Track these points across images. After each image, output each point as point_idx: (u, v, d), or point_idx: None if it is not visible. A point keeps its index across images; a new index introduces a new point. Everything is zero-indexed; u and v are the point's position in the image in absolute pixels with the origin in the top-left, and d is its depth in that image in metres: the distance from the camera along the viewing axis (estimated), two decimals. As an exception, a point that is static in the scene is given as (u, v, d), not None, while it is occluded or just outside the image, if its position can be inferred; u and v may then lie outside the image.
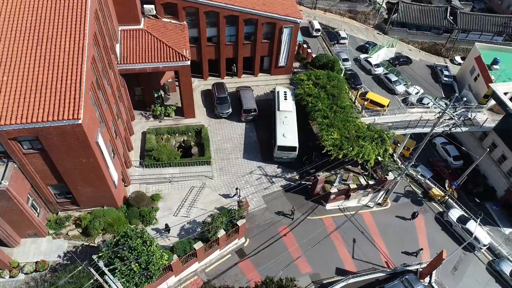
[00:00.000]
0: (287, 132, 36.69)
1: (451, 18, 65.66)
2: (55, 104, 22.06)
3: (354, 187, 35.16)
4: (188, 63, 34.77)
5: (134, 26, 35.05)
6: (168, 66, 34.67)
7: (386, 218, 37.08)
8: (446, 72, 59.46)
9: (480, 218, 34.63)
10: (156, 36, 34.95)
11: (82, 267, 21.60)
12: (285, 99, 39.70)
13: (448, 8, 66.27)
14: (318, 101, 37.86)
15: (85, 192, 28.35)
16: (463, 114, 42.21)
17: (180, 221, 32.00)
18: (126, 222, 30.10)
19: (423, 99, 51.33)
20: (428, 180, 40.34)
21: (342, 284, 30.68)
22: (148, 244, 24.33)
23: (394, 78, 54.81)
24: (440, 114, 30.51)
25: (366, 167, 35.81)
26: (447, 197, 39.29)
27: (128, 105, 37.09)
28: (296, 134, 36.89)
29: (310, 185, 35.75)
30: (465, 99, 42.02)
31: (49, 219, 29.28)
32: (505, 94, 43.26)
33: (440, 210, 39.00)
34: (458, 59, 64.82)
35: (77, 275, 23.05)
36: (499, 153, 42.59)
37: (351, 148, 33.85)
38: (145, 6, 36.09)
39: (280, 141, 36.15)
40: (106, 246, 24.37)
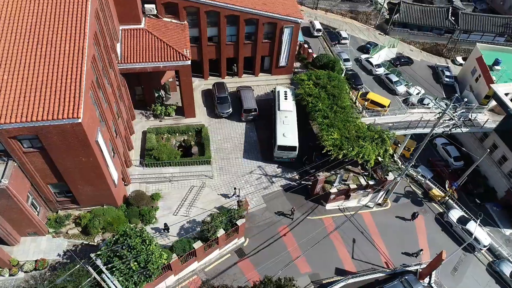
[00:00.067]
0: (287, 132, 36.68)
1: (453, 18, 65.59)
2: (55, 103, 22.13)
3: (354, 187, 35.13)
4: (189, 62, 34.82)
5: (134, 26, 35.11)
6: (169, 66, 34.71)
7: (386, 219, 37.04)
8: (447, 73, 59.32)
9: (480, 219, 34.59)
10: (156, 36, 35.00)
11: (80, 265, 21.62)
12: (285, 99, 39.68)
13: (450, 9, 66.23)
14: (319, 101, 37.83)
15: (85, 191, 28.40)
16: (463, 114, 42.16)
17: (180, 220, 32.01)
18: (125, 221, 30.12)
19: (424, 99, 51.24)
20: (428, 181, 40.29)
21: (342, 284, 30.65)
22: (147, 243, 24.33)
23: (395, 79, 54.72)
24: (440, 115, 30.48)
25: (366, 167, 35.80)
26: (447, 197, 39.24)
27: (129, 104, 37.17)
28: (296, 134, 36.87)
29: (310, 185, 35.75)
30: (465, 99, 41.93)
31: (49, 217, 29.35)
32: (506, 95, 43.18)
33: (440, 211, 38.93)
34: (459, 59, 64.60)
35: (76, 273, 23.13)
36: (500, 154, 42.49)
37: (351, 148, 33.83)
38: (146, 6, 36.17)
39: (280, 140, 36.14)
40: (106, 245, 24.40)
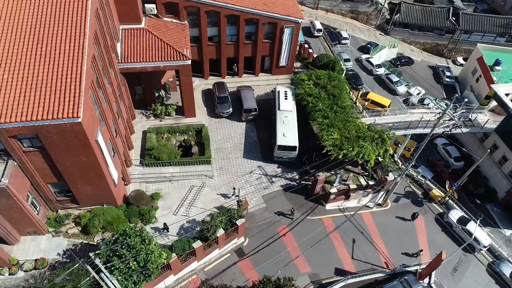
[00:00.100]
0: (287, 132, 36.66)
1: (454, 19, 65.48)
2: (55, 102, 22.15)
3: (354, 187, 35.11)
4: (189, 62, 34.83)
5: (135, 25, 35.13)
6: (169, 65, 34.73)
7: (386, 219, 37.01)
8: (448, 73, 59.23)
9: (480, 219, 34.55)
10: (157, 35, 35.02)
11: (79, 264, 21.65)
12: (285, 99, 39.67)
13: (451, 9, 66.11)
14: (319, 101, 37.81)
15: (84, 191, 28.42)
16: (463, 115, 42.11)
17: (180, 220, 32.03)
18: (125, 221, 30.12)
19: (425, 99, 51.19)
20: (428, 181, 40.24)
21: (341, 284, 30.63)
22: (146, 242, 24.36)
23: (395, 79, 54.65)
24: (440, 115, 30.45)
25: (366, 167, 35.78)
26: (447, 198, 39.20)
27: (129, 104, 37.19)
28: (296, 134, 36.86)
29: (310, 185, 35.73)
30: (466, 100, 41.86)
31: (48, 217, 29.37)
32: (506, 95, 43.09)
33: (440, 211, 38.90)
34: (460, 60, 64.51)
35: (75, 272, 23.16)
36: (500, 154, 42.42)
37: (351, 148, 33.80)
38: (146, 6, 36.19)
39: (280, 140, 36.13)
40: (105, 244, 24.42)
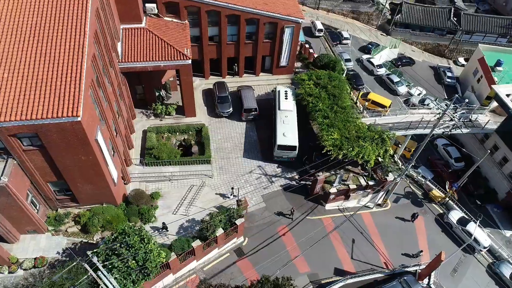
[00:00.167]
0: (287, 132, 36.66)
1: (455, 19, 65.37)
2: (55, 101, 22.21)
3: (354, 187, 35.09)
4: (189, 62, 34.87)
5: (135, 25, 35.19)
6: (169, 65, 34.78)
7: (385, 219, 36.97)
8: (449, 74, 59.09)
9: (480, 220, 34.49)
10: (157, 35, 35.07)
11: (77, 262, 21.69)
12: (285, 99, 39.66)
13: (452, 9, 65.99)
14: (319, 101, 37.79)
15: (84, 190, 28.48)
16: (463, 115, 42.00)
17: (179, 219, 32.06)
18: (125, 220, 30.18)
19: (425, 100, 51.11)
20: (428, 182, 40.17)
21: (340, 284, 30.63)
22: (145, 241, 24.39)
23: (396, 79, 54.58)
24: (440, 115, 30.41)
25: (366, 167, 35.75)
26: (447, 198, 39.14)
27: (129, 103, 37.25)
28: (296, 134, 36.85)
29: (310, 185, 35.72)
30: (467, 100, 41.74)
31: (48, 215, 29.45)
32: (507, 96, 42.96)
33: (440, 212, 38.84)
34: (461, 60, 64.36)
35: (74, 271, 23.21)
36: (501, 155, 42.30)
37: (351, 149, 33.77)
38: (147, 5, 36.26)
39: (280, 140, 36.12)
40: (104, 243, 24.46)
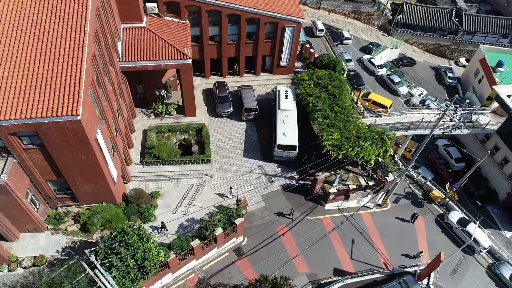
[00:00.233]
0: (287, 131, 36.65)
1: (456, 19, 65.24)
2: (54, 100, 22.28)
3: (354, 187, 35.06)
4: (190, 61, 34.89)
5: (136, 24, 35.23)
6: (170, 64, 34.81)
7: (385, 219, 36.92)
8: (450, 74, 58.96)
9: (480, 221, 34.41)
10: (158, 35, 35.11)
11: (74, 261, 21.73)
12: (286, 98, 39.65)
13: (453, 10, 65.85)
14: (319, 101, 37.78)
15: (84, 188, 28.53)
16: (463, 115, 41.89)
17: (179, 218, 32.09)
18: (124, 219, 30.23)
19: (426, 100, 51.03)
20: (429, 182, 40.10)
21: (339, 284, 30.57)
22: (144, 240, 24.42)
23: (397, 79, 54.50)
24: (440, 115, 30.37)
25: (366, 167, 35.72)
26: (447, 199, 39.07)
27: (130, 102, 37.30)
28: (296, 133, 36.84)
29: (310, 184, 35.70)
30: (467, 101, 41.65)
31: (48, 214, 29.50)
32: (508, 96, 42.82)
33: (440, 212, 38.77)
34: (462, 61, 64.26)
35: (73, 269, 23.24)
36: (501, 156, 42.19)
37: (351, 149, 33.76)
38: (147, 5, 36.32)
39: (280, 140, 36.12)
40: (103, 242, 24.50)
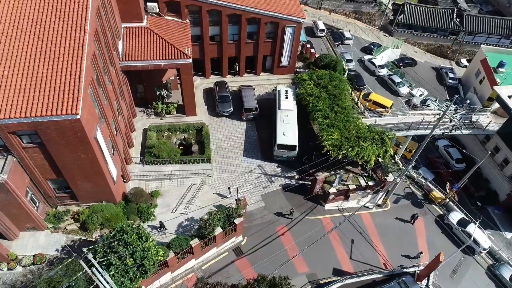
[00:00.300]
0: (287, 131, 36.65)
1: (458, 20, 65.10)
2: (54, 99, 22.32)
3: (354, 187, 35.04)
4: (190, 61, 34.93)
5: (137, 24, 35.28)
6: (170, 64, 34.87)
7: (385, 220, 36.87)
8: (451, 75, 58.83)
9: (479, 221, 34.33)
10: (158, 34, 35.16)
11: (72, 259, 21.78)
12: (286, 98, 39.65)
13: (455, 10, 65.71)
14: (319, 101, 37.77)
15: (83, 187, 28.59)
16: (463, 116, 41.80)
17: (178, 218, 32.13)
18: (124, 218, 30.29)
19: (427, 101, 50.94)
20: (429, 183, 40.03)
21: (339, 284, 30.56)
22: (143, 239, 24.46)
23: (397, 80, 54.41)
24: (440, 116, 30.34)
25: (366, 168, 35.69)
26: (447, 200, 39.00)
27: (130, 102, 37.35)
28: (296, 133, 36.84)
29: (309, 184, 35.68)
30: (468, 101, 41.57)
31: (48, 213, 29.55)
32: (509, 97, 42.74)
33: (440, 213, 38.70)
34: (464, 61, 64.13)
35: (72, 268, 23.29)
36: (502, 157, 42.11)
37: (351, 149, 33.74)
38: (148, 4, 36.37)
39: (280, 139, 36.12)
40: (102, 241, 24.54)
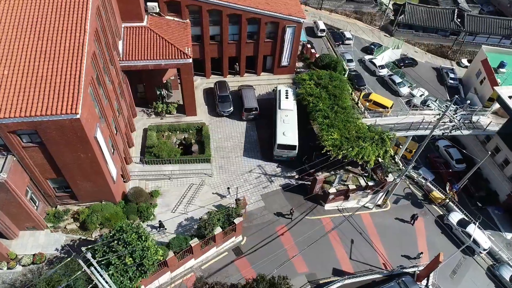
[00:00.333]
0: (287, 131, 36.65)
1: (458, 20, 65.06)
2: (54, 99, 22.33)
3: (353, 188, 35.02)
4: (190, 61, 34.93)
5: (137, 24, 35.30)
6: (170, 64, 34.88)
7: (385, 220, 36.85)
8: (452, 75, 58.80)
9: (479, 222, 34.29)
10: (158, 34, 35.17)
11: (71, 258, 21.81)
12: (286, 98, 39.65)
13: (456, 10, 65.69)
14: (319, 101, 37.75)
15: (83, 187, 28.62)
16: (463, 116, 41.75)
17: (178, 217, 32.15)
18: (123, 218, 30.31)
19: (427, 101, 50.90)
20: (429, 183, 40.00)
21: (338, 284, 30.55)
22: (143, 239, 24.47)
23: (398, 80, 54.40)
24: (440, 116, 30.31)
25: (366, 168, 35.67)
26: (447, 200, 38.97)
27: (130, 101, 37.37)
28: (296, 133, 36.83)
29: (309, 184, 35.67)
30: (468, 101, 41.53)
31: (47, 212, 29.59)
32: (510, 97, 42.69)
33: (440, 213, 38.66)
34: (464, 61, 64.06)
35: (71, 267, 23.31)
36: (502, 157, 42.08)
37: (351, 149, 33.72)
38: (148, 4, 36.39)
39: (280, 139, 36.12)
40: (102, 240, 24.56)
